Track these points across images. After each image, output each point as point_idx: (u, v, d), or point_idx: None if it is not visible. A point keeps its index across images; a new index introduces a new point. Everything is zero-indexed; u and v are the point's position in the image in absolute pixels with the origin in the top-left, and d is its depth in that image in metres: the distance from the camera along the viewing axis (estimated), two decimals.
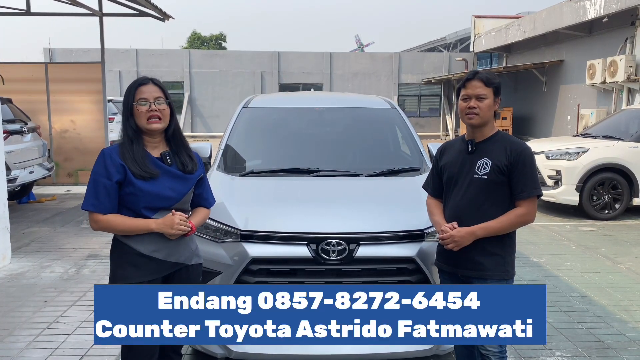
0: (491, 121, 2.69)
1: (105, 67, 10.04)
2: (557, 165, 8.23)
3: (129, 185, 2.35)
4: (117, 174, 2.34)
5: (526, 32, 18.99)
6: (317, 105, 4.93)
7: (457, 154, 2.76)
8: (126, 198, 2.37)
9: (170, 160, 2.46)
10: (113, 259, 2.47)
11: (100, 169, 2.36)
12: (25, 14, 9.65)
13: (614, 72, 13.76)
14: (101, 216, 2.36)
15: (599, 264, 5.94)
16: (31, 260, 5.78)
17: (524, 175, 2.59)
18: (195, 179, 2.55)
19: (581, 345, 3.87)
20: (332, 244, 3.08)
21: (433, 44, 34.66)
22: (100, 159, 2.38)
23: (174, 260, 2.47)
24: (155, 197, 2.39)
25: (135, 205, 2.38)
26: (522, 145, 2.66)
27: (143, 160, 2.38)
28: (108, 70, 18.17)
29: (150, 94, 2.42)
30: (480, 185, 2.63)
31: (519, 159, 2.60)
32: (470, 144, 2.69)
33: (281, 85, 25.71)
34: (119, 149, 2.39)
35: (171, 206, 2.44)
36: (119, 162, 2.35)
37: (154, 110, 2.40)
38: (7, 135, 7.45)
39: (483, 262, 2.61)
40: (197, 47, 41.44)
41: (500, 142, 2.67)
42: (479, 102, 2.63)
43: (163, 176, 2.42)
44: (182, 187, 2.48)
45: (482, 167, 2.63)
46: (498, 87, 2.68)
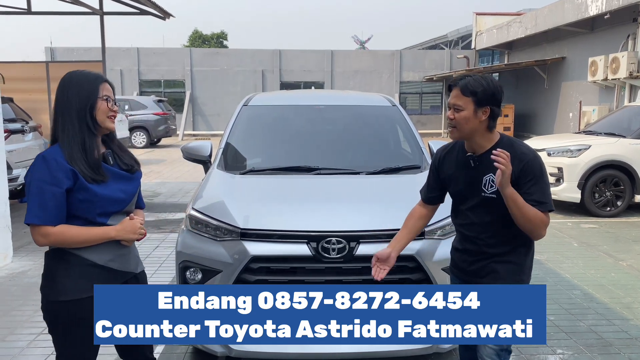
0: (482, 133, 2.35)
1: (106, 66, 10.04)
2: (559, 162, 8.21)
3: (81, 192, 2.09)
4: (67, 180, 2.06)
5: (528, 29, 18.94)
6: (318, 103, 4.93)
7: (459, 167, 2.47)
8: (79, 206, 2.11)
9: (112, 160, 2.26)
10: (57, 269, 2.16)
11: (45, 176, 2.05)
12: (26, 13, 9.65)
13: (616, 69, 13.72)
14: (51, 229, 2.07)
15: (601, 261, 5.93)
16: (32, 259, 5.79)
17: (532, 187, 2.28)
18: (140, 177, 2.38)
19: (583, 342, 3.87)
20: (332, 242, 3.08)
21: (434, 41, 34.57)
22: (42, 164, 2.07)
23: (127, 269, 2.30)
24: (109, 201, 2.17)
25: (90, 212, 2.13)
26: (530, 154, 2.33)
27: (97, 162, 2.15)
28: (109, 69, 18.21)
29: (111, 93, 2.26)
30: (491, 205, 2.35)
31: (527, 170, 2.29)
32: (472, 160, 2.40)
33: (282, 83, 25.70)
34: (62, 152, 2.10)
35: (123, 209, 2.25)
36: (67, 166, 2.07)
37: (115, 110, 2.25)
38: (9, 135, 7.46)
39: (498, 270, 2.41)
40: (199, 46, 41.43)
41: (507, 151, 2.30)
42: (455, 112, 2.33)
43: (112, 178, 2.20)
44: (130, 188, 2.29)
45: (488, 184, 2.35)
46: (480, 94, 2.29)
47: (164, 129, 19.43)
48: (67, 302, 2.14)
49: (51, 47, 24.84)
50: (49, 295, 2.17)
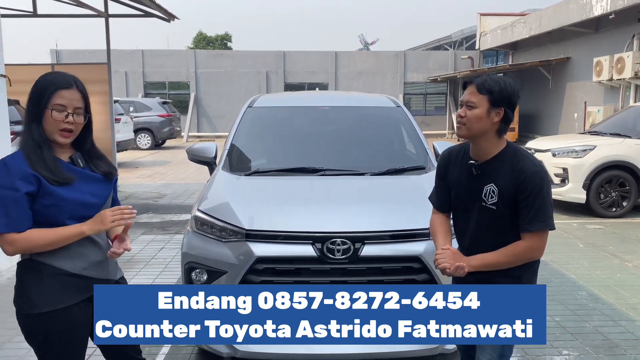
0: (490, 137, 2.27)
1: (111, 68, 10.08)
2: (563, 163, 8.19)
3: (46, 196, 2.00)
4: (29, 184, 1.97)
5: (532, 29, 18.89)
6: (322, 104, 4.94)
7: (463, 173, 2.39)
8: (45, 211, 2.02)
9: (82, 162, 2.14)
10: (30, 281, 2.07)
11: (5, 181, 1.96)
12: (32, 15, 9.70)
13: (621, 69, 13.67)
14: (16, 235, 1.97)
15: (607, 262, 5.91)
16: None
17: (530, 204, 2.20)
18: (114, 180, 2.27)
19: (588, 343, 3.85)
20: (337, 243, 3.08)
21: (439, 42, 34.53)
22: (3, 169, 1.98)
23: (104, 277, 2.21)
24: (78, 204, 2.07)
25: (58, 217, 2.04)
26: (531, 168, 2.22)
27: (55, 164, 2.04)
28: (114, 71, 18.23)
29: (71, 101, 2.06)
30: (490, 216, 2.29)
31: (525, 185, 2.20)
32: (475, 168, 2.32)
33: (286, 85, 25.72)
34: (24, 157, 2.01)
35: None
36: (29, 171, 1.98)
37: (69, 122, 2.05)
38: (15, 137, 7.50)
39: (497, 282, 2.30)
40: (203, 47, 41.52)
41: (508, 162, 2.26)
42: (467, 110, 2.25)
43: (80, 181, 2.09)
44: (102, 190, 2.18)
45: (489, 195, 2.27)
46: (496, 94, 2.21)
47: (169, 131, 19.49)
48: (42, 314, 2.06)
49: (57, 50, 24.94)
50: (24, 309, 2.08)
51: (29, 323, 2.10)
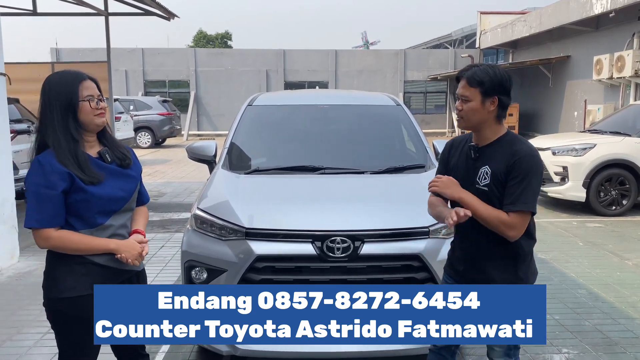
0: (490, 124, 2.33)
1: (111, 67, 10.07)
2: (563, 161, 8.19)
3: (78, 192, 2.13)
4: (62, 182, 2.10)
5: (532, 27, 18.88)
6: (322, 102, 4.93)
7: (463, 158, 2.46)
8: (76, 206, 2.15)
9: (109, 157, 2.27)
10: (58, 268, 2.20)
11: (40, 179, 2.10)
12: (32, 14, 9.69)
13: (621, 68, 13.66)
14: (53, 232, 2.12)
15: (606, 260, 5.91)
16: (39, 258, 5.82)
17: (516, 185, 2.25)
18: (139, 173, 2.40)
19: (588, 341, 3.86)
20: (337, 242, 3.08)
21: (439, 40, 34.49)
22: (37, 167, 2.11)
23: (126, 267, 2.30)
24: (108, 200, 2.20)
25: (88, 211, 2.17)
26: (524, 152, 2.28)
27: (86, 163, 2.16)
28: (114, 70, 18.20)
29: (94, 90, 2.22)
30: (482, 197, 2.32)
31: (515, 167, 2.25)
32: (474, 150, 2.39)
33: (287, 83, 25.72)
34: (55, 155, 2.13)
35: (122, 207, 2.28)
36: (62, 169, 2.10)
37: (101, 107, 2.23)
38: (15, 135, 7.51)
39: (495, 279, 2.37)
40: (203, 46, 41.51)
41: (505, 146, 2.32)
42: (463, 103, 2.32)
43: (109, 177, 2.22)
44: (129, 185, 2.31)
45: (482, 176, 2.34)
46: (487, 84, 2.26)
47: (169, 129, 19.49)
48: (67, 299, 2.17)
49: (57, 48, 24.93)
50: (50, 293, 2.20)
51: (53, 307, 2.21)
